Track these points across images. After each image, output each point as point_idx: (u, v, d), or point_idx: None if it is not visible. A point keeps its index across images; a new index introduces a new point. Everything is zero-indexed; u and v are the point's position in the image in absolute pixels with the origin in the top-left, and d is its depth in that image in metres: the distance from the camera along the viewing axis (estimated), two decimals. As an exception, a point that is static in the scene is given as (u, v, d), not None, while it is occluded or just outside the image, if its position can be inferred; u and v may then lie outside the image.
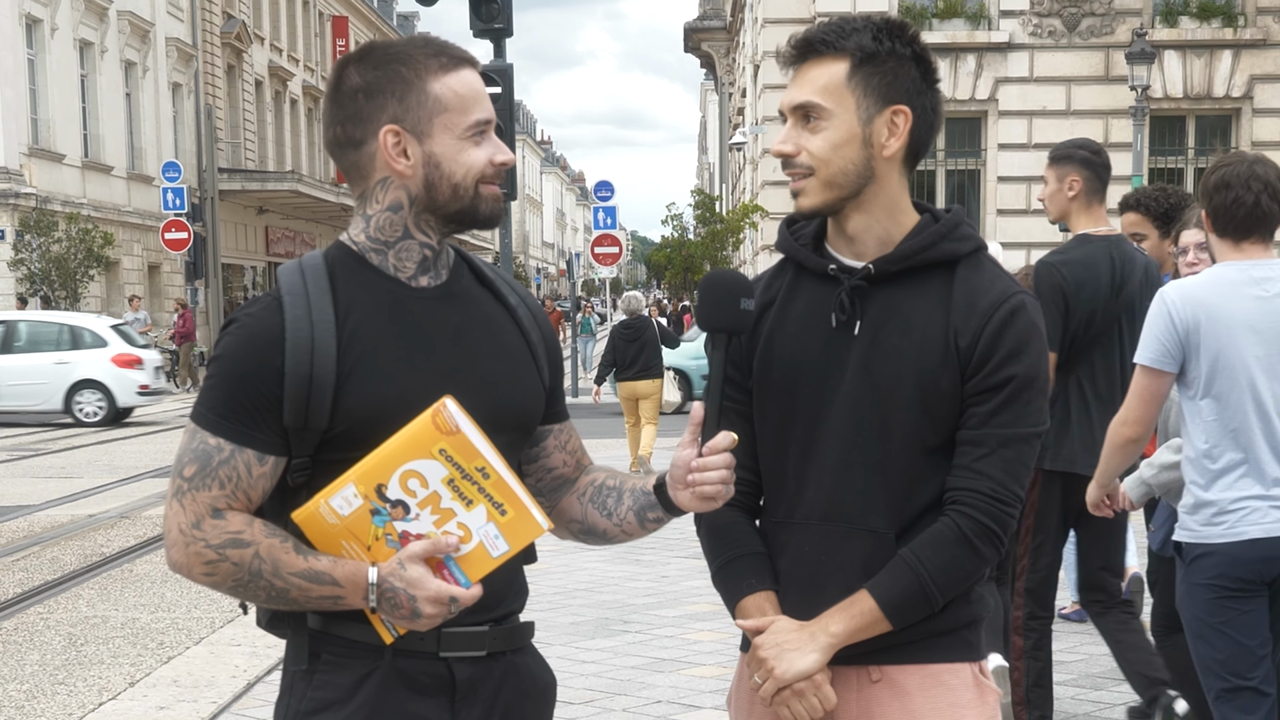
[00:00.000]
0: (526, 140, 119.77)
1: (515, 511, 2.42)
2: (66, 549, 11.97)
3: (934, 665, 2.69)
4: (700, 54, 54.35)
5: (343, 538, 2.43)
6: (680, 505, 2.59)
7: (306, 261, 2.53)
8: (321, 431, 2.43)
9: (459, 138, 2.49)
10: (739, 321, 2.63)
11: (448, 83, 2.49)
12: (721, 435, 2.53)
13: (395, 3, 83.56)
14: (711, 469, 2.51)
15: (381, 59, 2.50)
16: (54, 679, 7.77)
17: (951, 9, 27.59)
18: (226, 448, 2.41)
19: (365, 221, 2.54)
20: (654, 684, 7.11)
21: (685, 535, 11.20)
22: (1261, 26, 27.34)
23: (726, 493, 2.54)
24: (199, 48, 47.81)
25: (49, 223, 33.88)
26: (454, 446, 2.38)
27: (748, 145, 36.70)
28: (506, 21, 14.53)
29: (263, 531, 2.41)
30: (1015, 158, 27.48)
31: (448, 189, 2.50)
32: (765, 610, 2.72)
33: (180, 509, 2.42)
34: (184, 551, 2.41)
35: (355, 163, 2.53)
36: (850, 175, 2.66)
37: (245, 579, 2.40)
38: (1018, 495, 2.64)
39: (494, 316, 2.63)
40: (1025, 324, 2.64)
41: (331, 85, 2.55)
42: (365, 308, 2.48)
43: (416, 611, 2.39)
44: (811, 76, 2.67)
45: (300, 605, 2.44)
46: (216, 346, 2.46)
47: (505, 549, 2.44)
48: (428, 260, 2.55)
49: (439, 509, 2.41)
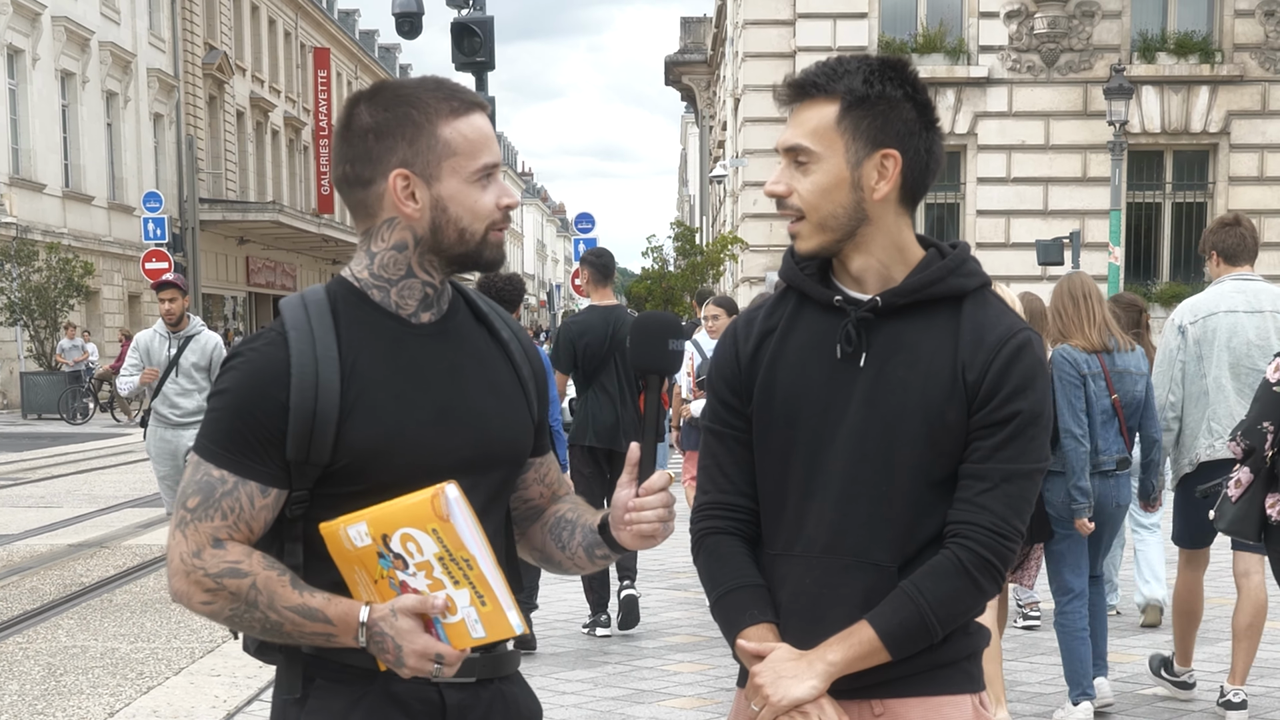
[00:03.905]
0: (508, 172, 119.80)
1: (493, 607, 2.44)
2: (45, 579, 11.92)
3: (935, 698, 2.69)
4: (681, 87, 54.52)
5: (356, 564, 2.47)
6: (621, 544, 2.64)
7: (309, 296, 2.56)
8: (323, 466, 2.46)
9: (466, 181, 2.52)
10: (668, 363, 2.68)
11: (458, 127, 2.51)
12: (658, 475, 2.56)
13: (377, 35, 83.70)
14: (648, 508, 2.56)
15: (393, 100, 2.53)
16: (33, 709, 7.73)
17: (931, 44, 27.75)
18: (230, 480, 2.44)
19: (369, 258, 2.57)
20: (634, 715, 7.11)
21: (666, 567, 11.25)
22: (1238, 63, 27.54)
23: (665, 530, 2.59)
24: (180, 78, 47.83)
25: (29, 252, 33.84)
26: (444, 532, 2.40)
27: (728, 178, 36.79)
28: (488, 55, 14.58)
29: (261, 563, 2.44)
30: (994, 191, 27.60)
31: (454, 233, 2.54)
32: (766, 641, 2.71)
33: (183, 539, 2.45)
34: (185, 580, 2.45)
35: (362, 201, 2.56)
36: (841, 219, 2.66)
37: (242, 609, 2.43)
38: (1019, 530, 2.65)
39: (488, 352, 2.66)
40: (1031, 360, 2.65)
41: (342, 123, 2.57)
42: (367, 344, 2.51)
43: (401, 661, 2.42)
44: (803, 118, 2.68)
45: (293, 639, 2.47)
46: (220, 380, 2.49)
47: (481, 635, 2.46)
48: (429, 298, 2.59)
49: (432, 576, 2.44)
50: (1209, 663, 7.87)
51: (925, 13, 28.12)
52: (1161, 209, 28.47)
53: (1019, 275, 25.64)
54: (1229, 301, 7.01)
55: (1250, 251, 7.10)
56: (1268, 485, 5.80)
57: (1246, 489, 5.83)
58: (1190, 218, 28.46)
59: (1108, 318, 6.75)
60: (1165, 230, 28.70)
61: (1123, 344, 6.74)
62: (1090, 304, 6.72)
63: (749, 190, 28.56)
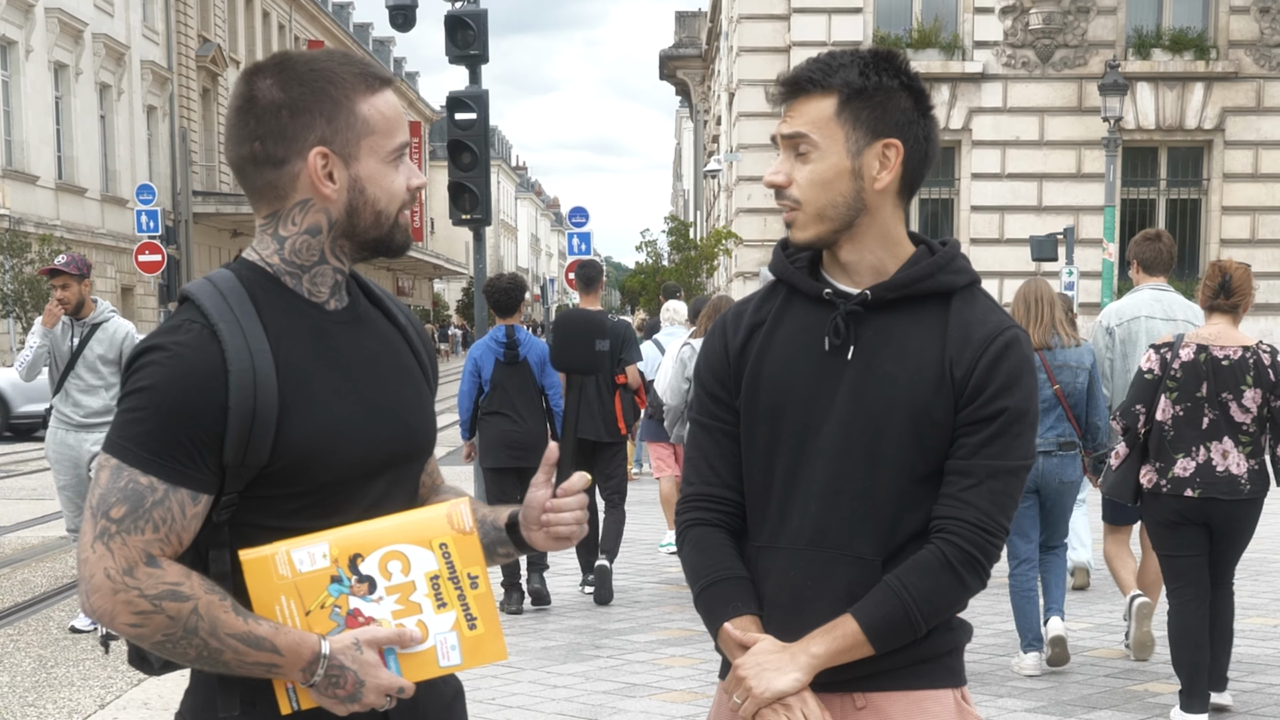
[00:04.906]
0: (502, 166, 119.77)
1: (486, 630, 2.38)
2: (37, 571, 11.91)
3: (918, 692, 2.69)
4: (676, 81, 54.55)
5: (285, 593, 2.32)
6: (533, 545, 2.58)
7: (220, 282, 2.39)
8: (259, 468, 2.31)
9: (383, 161, 2.42)
10: (593, 362, 2.66)
11: (375, 104, 2.41)
12: (576, 476, 2.53)
13: (372, 29, 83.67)
14: (566, 509, 2.53)
15: (306, 74, 2.39)
16: (24, 700, 7.73)
17: (926, 39, 27.75)
18: (160, 487, 2.26)
19: (278, 243, 2.43)
20: (626, 709, 7.11)
21: (659, 561, 11.24)
22: (1233, 59, 27.55)
23: (580, 533, 2.56)
24: (174, 71, 47.77)
25: (22, 244, 33.77)
26: (457, 546, 2.34)
27: (722, 172, 36.80)
28: (482, 48, 14.53)
29: (202, 586, 2.28)
30: (989, 187, 27.61)
31: (370, 215, 2.43)
32: (749, 633, 2.71)
33: (108, 552, 2.25)
34: (111, 599, 2.25)
35: (272, 182, 2.40)
36: (840, 207, 2.66)
37: (178, 634, 2.26)
38: (1003, 526, 2.65)
39: (393, 339, 2.57)
40: (1018, 358, 2.65)
41: (243, 96, 2.40)
42: (293, 334, 2.38)
43: (357, 696, 2.32)
44: (803, 110, 2.67)
45: (229, 668, 2.30)
46: (140, 375, 2.29)
47: (457, 662, 2.39)
48: (338, 284, 2.48)
49: (406, 600, 2.35)
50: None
51: (920, 8, 28.11)
52: (1156, 205, 28.47)
53: (1013, 271, 25.67)
54: (1148, 309, 8.22)
55: (1165, 264, 8.31)
56: (1141, 457, 6.86)
57: (1124, 460, 6.92)
58: (1185, 214, 28.49)
59: (1059, 319, 7.73)
60: (1160, 226, 28.66)
61: (1066, 341, 7.71)
62: (1042, 307, 7.73)
63: (743, 185, 28.56)
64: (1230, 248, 27.71)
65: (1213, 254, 28.07)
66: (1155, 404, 6.76)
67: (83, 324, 9.39)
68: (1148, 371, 6.81)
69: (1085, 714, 6.97)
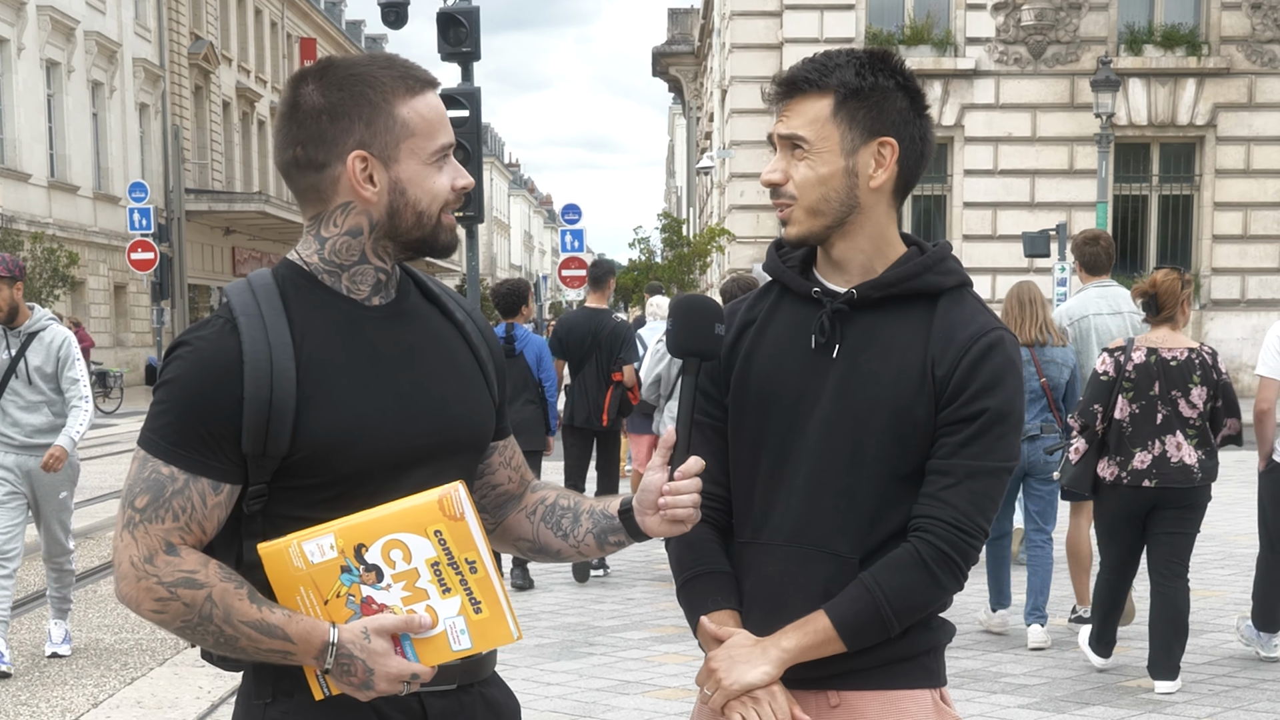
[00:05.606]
0: (494, 163, 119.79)
1: (491, 613, 2.39)
2: (29, 569, 11.87)
3: (893, 691, 2.69)
4: (668, 78, 54.54)
5: (303, 584, 2.37)
6: (648, 530, 2.57)
7: (256, 281, 2.45)
8: (280, 458, 2.35)
9: (424, 163, 2.44)
10: (711, 346, 2.64)
11: (415, 107, 2.42)
12: (692, 460, 2.52)
13: (364, 25, 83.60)
14: (683, 493, 2.51)
15: (346, 79, 2.42)
16: (17, 699, 7.72)
17: (918, 36, 27.79)
18: (180, 477, 2.33)
19: (319, 243, 2.47)
20: (619, 706, 7.11)
21: (651, 558, 11.26)
22: (1225, 55, 27.60)
23: (695, 516, 2.54)
24: (166, 68, 47.73)
25: (14, 242, 33.73)
26: (451, 532, 2.34)
27: (715, 169, 36.82)
28: (474, 45, 14.55)
29: (218, 574, 2.33)
30: (981, 183, 27.65)
31: (411, 216, 2.44)
32: (726, 627, 2.72)
33: (132, 541, 2.33)
34: (135, 586, 2.33)
35: (314, 185, 2.45)
36: (834, 204, 2.67)
37: (195, 621, 2.32)
38: (981, 527, 2.64)
39: (444, 334, 2.58)
40: (1001, 359, 2.65)
41: (288, 103, 2.45)
42: (321, 329, 2.41)
43: (369, 684, 2.35)
44: (799, 110, 2.68)
45: (247, 655, 2.37)
46: (166, 370, 2.37)
47: (467, 646, 2.40)
48: (381, 283, 2.50)
49: (413, 587, 2.37)
50: (1193, 654, 7.94)
51: (912, 4, 28.16)
52: (1148, 201, 28.53)
53: (1005, 267, 25.72)
54: (1095, 306, 8.87)
55: (1106, 264, 9.01)
56: (1099, 452, 7.48)
57: (1083, 455, 7.50)
58: (1177, 210, 28.54)
59: (1048, 320, 8.39)
60: (1152, 222, 28.76)
61: (1055, 340, 8.36)
62: (1035, 307, 8.37)
63: (736, 182, 28.58)
64: (1222, 243, 27.77)
65: (1205, 249, 28.13)
66: (1112, 404, 7.36)
67: (17, 333, 8.33)
68: (1103, 374, 7.40)
69: (1078, 710, 6.99)
